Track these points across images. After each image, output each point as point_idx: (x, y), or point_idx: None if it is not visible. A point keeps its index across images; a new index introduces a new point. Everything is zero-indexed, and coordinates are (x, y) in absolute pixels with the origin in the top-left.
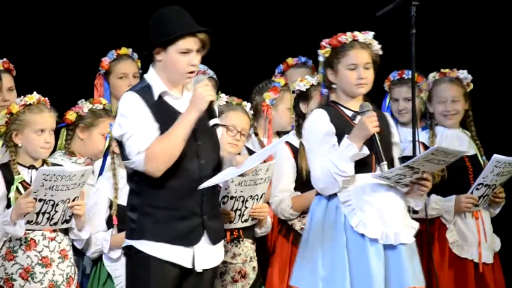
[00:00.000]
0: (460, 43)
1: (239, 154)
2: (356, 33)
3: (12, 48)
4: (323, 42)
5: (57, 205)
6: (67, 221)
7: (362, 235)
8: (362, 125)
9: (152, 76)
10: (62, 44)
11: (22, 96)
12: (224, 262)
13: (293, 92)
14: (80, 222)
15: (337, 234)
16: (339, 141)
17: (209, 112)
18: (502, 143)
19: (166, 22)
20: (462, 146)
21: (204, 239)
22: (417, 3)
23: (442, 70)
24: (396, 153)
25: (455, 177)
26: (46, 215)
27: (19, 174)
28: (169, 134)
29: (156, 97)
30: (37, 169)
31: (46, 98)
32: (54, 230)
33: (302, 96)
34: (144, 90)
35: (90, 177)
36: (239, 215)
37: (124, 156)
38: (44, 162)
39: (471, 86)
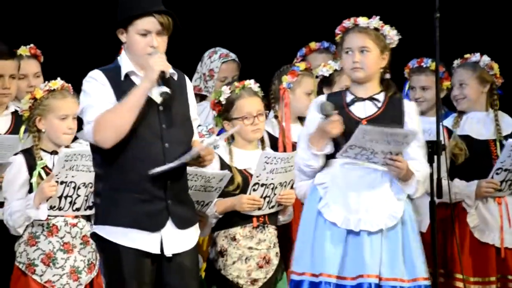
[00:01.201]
0: (484, 29)
1: (262, 138)
2: (360, 18)
3: (39, 34)
4: (336, 29)
5: (78, 188)
6: (90, 208)
7: (325, 219)
8: (323, 128)
9: (122, 57)
10: (87, 31)
11: (46, 82)
12: (249, 248)
13: (317, 77)
14: None
15: (310, 215)
16: None
17: (160, 84)
18: None
19: (126, 3)
20: (487, 129)
21: (170, 224)
22: None
23: (465, 56)
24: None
25: (479, 161)
26: (69, 199)
27: (41, 159)
28: (118, 104)
29: (122, 76)
30: None
31: (70, 85)
32: (76, 216)
33: (326, 81)
34: (111, 69)
35: None
36: (268, 202)
37: None
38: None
39: (495, 67)
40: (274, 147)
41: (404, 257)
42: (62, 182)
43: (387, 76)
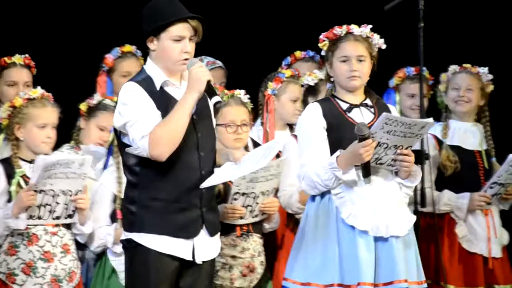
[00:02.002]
0: (468, 38)
1: (246, 146)
2: (352, 26)
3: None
4: (321, 36)
5: (57, 195)
6: (70, 216)
7: (353, 227)
8: (356, 153)
9: (151, 67)
10: (66, 40)
11: (25, 91)
12: (233, 257)
13: (302, 86)
14: (82, 216)
15: (329, 226)
16: (333, 135)
17: (209, 94)
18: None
19: (158, 10)
20: (474, 140)
21: (203, 231)
22: None
23: (464, 65)
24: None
25: (466, 172)
26: (48, 208)
27: (20, 168)
28: (171, 117)
29: (158, 87)
30: None
31: (50, 94)
32: (56, 225)
33: (311, 90)
34: (145, 81)
35: (91, 172)
36: (250, 211)
37: (125, 145)
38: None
39: (491, 87)
40: None
41: (416, 260)
42: (40, 191)
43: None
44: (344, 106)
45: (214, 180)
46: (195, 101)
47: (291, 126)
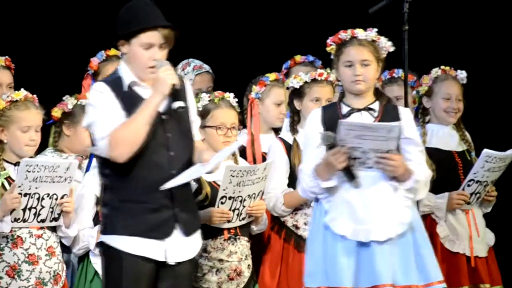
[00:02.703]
0: (452, 40)
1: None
2: (357, 30)
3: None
4: (328, 40)
5: (42, 199)
6: (55, 219)
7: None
8: (327, 161)
9: (123, 68)
10: (52, 42)
11: (8, 93)
12: (220, 260)
13: (287, 88)
14: (68, 219)
15: (318, 230)
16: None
17: (173, 97)
18: (492, 139)
19: (131, 15)
20: (453, 141)
21: (177, 232)
22: None
23: (442, 67)
24: (409, 148)
25: (446, 173)
26: (33, 211)
27: (4, 170)
28: (132, 118)
29: (126, 87)
30: None
31: (35, 96)
32: (41, 228)
33: (296, 93)
34: (114, 81)
35: (78, 174)
36: (237, 214)
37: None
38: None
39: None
40: (245, 158)
41: (417, 263)
42: (25, 194)
43: (377, 85)
44: (345, 110)
45: (178, 180)
46: (157, 103)
47: (276, 130)
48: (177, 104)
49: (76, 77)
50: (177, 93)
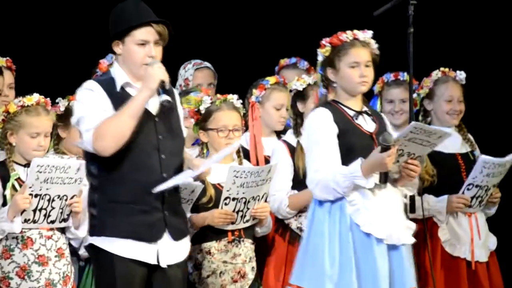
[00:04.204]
0: (456, 43)
1: (238, 151)
2: (356, 31)
3: (11, 46)
4: (323, 41)
5: (53, 200)
6: (65, 220)
7: (368, 235)
8: (382, 162)
9: (116, 69)
10: (60, 43)
11: (20, 97)
12: (224, 262)
13: (290, 91)
14: (77, 220)
15: (343, 234)
16: (343, 141)
17: (160, 93)
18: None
19: (122, 14)
20: (455, 143)
21: (167, 235)
22: (415, 2)
23: (442, 69)
24: None
25: (448, 176)
26: (43, 212)
27: (14, 171)
28: (118, 112)
29: (118, 88)
30: None
31: (48, 99)
32: (51, 229)
33: (299, 95)
34: (106, 81)
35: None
36: (241, 216)
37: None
38: None
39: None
40: (248, 160)
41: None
42: (36, 195)
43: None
44: (351, 113)
45: (168, 184)
46: (145, 98)
47: (278, 133)
48: (164, 97)
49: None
50: (166, 91)
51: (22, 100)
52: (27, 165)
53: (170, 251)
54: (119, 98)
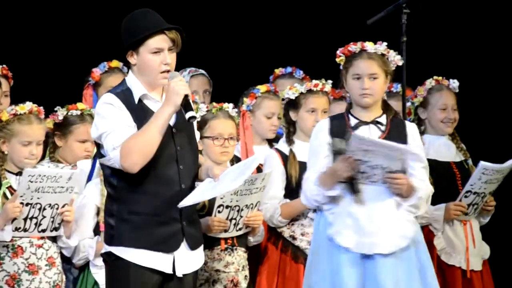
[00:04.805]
0: (448, 51)
1: (232, 160)
2: (367, 43)
3: (6, 54)
4: (338, 51)
5: (44, 209)
6: (56, 229)
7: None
8: (334, 169)
9: (132, 80)
10: (51, 51)
11: (13, 105)
12: (217, 271)
13: (283, 100)
14: (68, 229)
15: (322, 242)
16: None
17: (186, 108)
18: (488, 150)
19: (134, 25)
20: (450, 152)
21: (184, 245)
22: (408, 11)
23: (435, 78)
24: (413, 164)
25: (444, 184)
26: (34, 221)
27: (6, 179)
28: (144, 129)
29: (136, 100)
30: None
31: (41, 108)
32: (42, 237)
33: (292, 104)
34: (123, 93)
35: (82, 185)
36: (234, 224)
37: (103, 156)
38: None
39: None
40: None
41: (421, 278)
42: (27, 204)
43: (384, 97)
44: (353, 122)
45: (192, 199)
46: (170, 114)
47: (270, 141)
48: (190, 114)
49: (75, 87)
50: (188, 104)
51: (14, 109)
52: (19, 173)
53: (186, 260)
54: (138, 111)
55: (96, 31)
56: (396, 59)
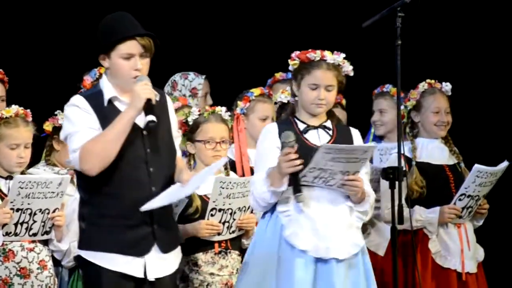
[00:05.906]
0: (443, 55)
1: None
2: (326, 53)
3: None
4: (293, 54)
5: (35, 214)
6: (47, 233)
7: (293, 246)
8: (278, 164)
9: (104, 82)
10: (46, 55)
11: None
12: (211, 274)
13: (275, 103)
14: (59, 233)
15: (272, 243)
16: None
17: (146, 112)
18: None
19: (107, 29)
20: (443, 155)
21: (155, 249)
22: (403, 14)
23: (428, 81)
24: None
25: (437, 187)
26: (25, 225)
27: None
28: (104, 132)
29: (105, 102)
30: None
31: (28, 110)
32: (33, 241)
33: (285, 108)
34: (93, 95)
35: (70, 188)
36: (227, 227)
37: None
38: (23, 173)
39: None
40: (235, 172)
41: (367, 285)
42: (18, 209)
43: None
44: (302, 127)
45: (156, 203)
46: (131, 117)
47: None
48: (149, 117)
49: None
50: (152, 108)
51: (0, 112)
52: (8, 177)
53: (158, 264)
54: (106, 112)
55: (87, 35)
56: (349, 69)
